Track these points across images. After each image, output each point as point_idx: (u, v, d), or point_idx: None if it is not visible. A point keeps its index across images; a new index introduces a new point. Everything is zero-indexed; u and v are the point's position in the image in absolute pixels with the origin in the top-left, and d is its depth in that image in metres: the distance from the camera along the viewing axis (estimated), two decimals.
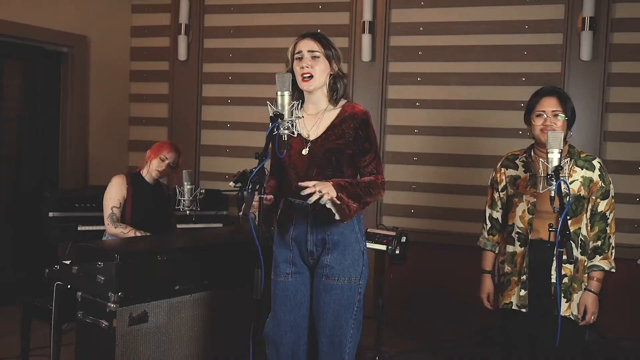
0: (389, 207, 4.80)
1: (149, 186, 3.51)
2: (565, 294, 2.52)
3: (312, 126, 2.46)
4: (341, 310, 2.41)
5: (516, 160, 2.72)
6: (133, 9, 5.44)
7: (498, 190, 2.76)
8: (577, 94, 4.29)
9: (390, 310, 4.63)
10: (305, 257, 2.47)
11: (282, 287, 2.48)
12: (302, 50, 2.42)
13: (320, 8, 4.94)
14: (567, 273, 2.53)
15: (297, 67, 2.43)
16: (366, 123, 2.46)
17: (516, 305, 2.61)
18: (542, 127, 2.54)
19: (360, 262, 2.45)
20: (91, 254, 2.69)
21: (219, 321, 2.95)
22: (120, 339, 2.58)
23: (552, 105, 2.56)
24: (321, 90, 2.47)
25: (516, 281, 2.62)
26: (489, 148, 4.50)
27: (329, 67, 2.45)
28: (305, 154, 2.43)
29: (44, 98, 4.97)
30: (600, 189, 2.57)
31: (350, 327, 2.43)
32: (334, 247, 2.42)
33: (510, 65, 4.51)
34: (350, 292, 2.42)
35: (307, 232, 2.44)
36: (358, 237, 2.47)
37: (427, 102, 4.72)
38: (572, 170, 2.57)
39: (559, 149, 2.23)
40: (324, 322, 2.41)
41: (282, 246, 2.51)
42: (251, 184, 1.94)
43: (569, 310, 2.54)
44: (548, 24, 4.42)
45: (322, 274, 2.42)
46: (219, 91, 5.21)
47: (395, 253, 3.55)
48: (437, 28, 4.67)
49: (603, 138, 4.30)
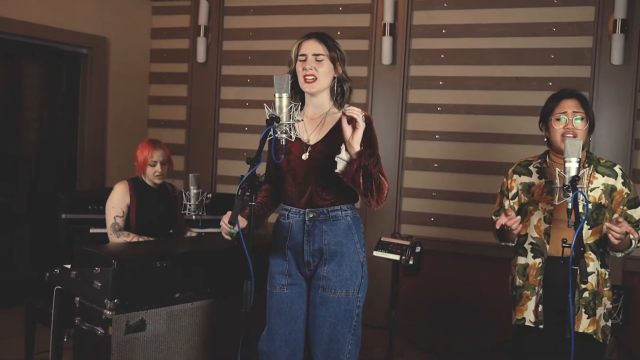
0: (408, 214, 4.65)
1: (152, 190, 3.44)
2: (586, 310, 2.36)
3: (313, 130, 2.35)
4: (338, 324, 2.29)
5: (530, 167, 2.56)
6: (153, 11, 5.41)
7: (508, 197, 2.60)
8: (607, 100, 4.09)
9: (406, 320, 4.50)
10: (302, 268, 2.36)
11: (277, 299, 2.37)
12: (307, 53, 2.32)
13: (341, 10, 4.83)
14: (587, 287, 2.36)
15: (299, 68, 2.33)
16: (369, 127, 2.34)
17: (530, 322, 2.44)
18: (564, 130, 2.38)
19: (359, 274, 2.33)
20: (89, 259, 2.62)
21: (221, 330, 2.85)
22: (116, 347, 2.50)
23: (574, 107, 2.39)
24: (325, 93, 2.37)
25: (528, 295, 2.46)
26: (512, 155, 4.29)
27: (333, 70, 2.35)
28: (305, 159, 2.32)
29: (63, 99, 4.98)
30: (626, 197, 2.39)
31: (348, 342, 2.30)
32: (331, 257, 2.30)
33: (536, 70, 4.33)
34: (348, 306, 2.30)
35: (303, 242, 2.33)
36: (357, 247, 2.35)
37: (448, 106, 4.56)
38: (593, 177, 2.40)
39: (577, 158, 2.08)
40: (320, 336, 2.29)
41: (278, 256, 2.40)
42: (241, 190, 1.84)
43: (593, 327, 2.36)
44: (577, 27, 4.23)
45: (319, 285, 2.31)
46: (237, 94, 5.14)
47: (409, 263, 3.41)
48: (460, 30, 4.51)
49: (634, 146, 4.09)
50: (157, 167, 3.38)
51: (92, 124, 5.07)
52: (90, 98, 5.05)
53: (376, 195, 2.22)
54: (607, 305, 2.42)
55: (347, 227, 2.32)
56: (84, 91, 5.06)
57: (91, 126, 5.07)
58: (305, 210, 2.31)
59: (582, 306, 2.36)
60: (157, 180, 3.40)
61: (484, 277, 4.34)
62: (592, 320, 2.36)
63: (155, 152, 3.39)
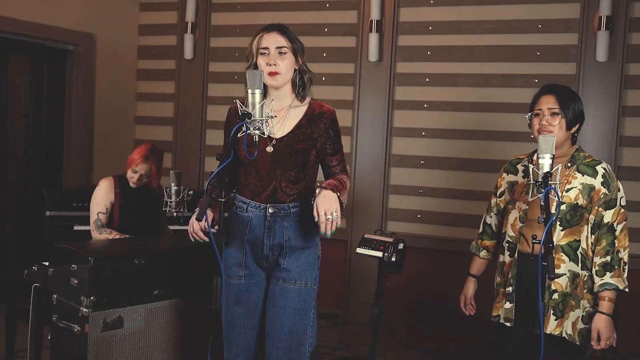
0: (395, 211, 4.65)
1: (137, 188, 3.43)
2: (555, 311, 2.34)
3: (277, 123, 2.33)
4: (297, 315, 2.29)
5: (518, 165, 2.56)
6: (141, 7, 5.39)
7: (496, 195, 2.63)
8: (592, 97, 4.09)
9: (392, 318, 4.50)
10: (260, 261, 2.36)
11: (236, 289, 2.37)
12: (269, 46, 2.31)
13: (328, 6, 4.82)
14: (557, 288, 2.34)
15: (261, 62, 2.31)
16: (335, 122, 2.37)
17: (502, 319, 2.44)
18: (539, 127, 2.37)
19: (315, 267, 2.36)
20: (67, 256, 2.61)
21: (199, 327, 2.85)
22: (92, 345, 2.50)
23: (549, 103, 2.37)
24: (287, 86, 2.36)
25: (504, 292, 2.47)
26: (499, 152, 4.32)
27: (294, 62, 2.34)
28: (269, 151, 2.30)
29: (50, 96, 4.95)
30: (603, 198, 2.32)
31: (308, 334, 2.32)
32: (291, 250, 2.32)
33: (522, 66, 4.33)
34: (307, 297, 2.32)
35: (263, 237, 2.32)
36: (316, 241, 2.37)
37: (435, 103, 4.55)
38: (572, 177, 2.36)
39: (550, 154, 2.07)
40: (280, 327, 2.29)
41: (234, 249, 2.37)
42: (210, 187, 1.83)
43: (560, 328, 2.35)
44: (562, 24, 4.22)
45: (279, 277, 2.32)
46: (225, 90, 5.12)
47: (392, 260, 3.39)
48: (447, 27, 4.51)
49: (619, 143, 4.09)
50: (136, 176, 3.38)
51: (79, 121, 5.05)
52: (77, 95, 5.03)
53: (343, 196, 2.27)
54: (586, 308, 2.37)
55: (308, 223, 2.32)
56: (71, 88, 5.04)
57: (78, 123, 5.05)
58: (266, 205, 2.30)
59: (550, 307, 2.33)
60: (131, 184, 3.41)
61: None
62: (559, 322, 2.34)
63: (142, 165, 3.38)
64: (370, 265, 4.08)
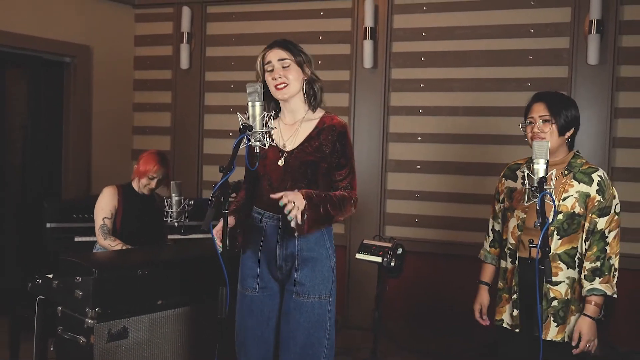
0: (392, 216, 4.69)
1: (139, 198, 3.46)
2: (555, 318, 2.37)
3: (290, 136, 2.38)
4: (312, 329, 2.31)
5: (517, 171, 2.58)
6: (136, 19, 5.43)
7: (499, 201, 2.65)
8: (584, 100, 4.14)
9: (392, 322, 4.53)
10: (274, 271, 2.39)
11: (249, 301, 2.41)
12: (272, 60, 2.36)
13: (322, 15, 4.87)
14: (557, 296, 2.37)
15: (269, 79, 2.36)
16: (344, 135, 2.37)
17: (507, 324, 2.49)
18: (532, 134, 2.42)
19: (330, 279, 2.37)
20: (71, 268, 2.64)
21: (204, 336, 2.88)
22: (98, 356, 2.53)
23: (540, 111, 2.41)
24: (298, 97, 2.40)
25: (507, 298, 2.51)
26: (494, 155, 4.38)
27: (301, 73, 2.38)
28: (281, 164, 2.35)
29: (48, 107, 4.98)
30: (597, 205, 2.35)
31: (324, 347, 2.34)
32: (304, 263, 2.34)
33: (515, 71, 4.38)
34: (322, 310, 2.33)
35: (276, 247, 2.36)
36: (329, 253, 2.39)
37: (430, 108, 4.61)
38: (569, 185, 2.39)
39: (545, 159, 2.12)
40: (293, 341, 2.32)
41: (250, 259, 2.42)
42: (214, 199, 1.87)
43: (562, 334, 2.38)
44: (554, 28, 4.28)
45: (293, 291, 2.34)
46: (221, 100, 5.17)
47: (391, 265, 3.44)
48: (440, 33, 4.56)
49: (612, 144, 4.14)
50: (153, 182, 3.41)
51: (77, 132, 5.08)
52: (75, 106, 5.06)
53: (345, 213, 2.31)
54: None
55: (319, 234, 2.35)
56: (68, 100, 5.07)
57: (76, 134, 5.08)
58: (279, 215, 2.34)
59: (550, 315, 2.36)
60: (145, 192, 3.44)
61: (470, 278, 4.34)
62: (561, 328, 2.37)
63: (160, 169, 3.41)
64: (369, 270, 4.12)
